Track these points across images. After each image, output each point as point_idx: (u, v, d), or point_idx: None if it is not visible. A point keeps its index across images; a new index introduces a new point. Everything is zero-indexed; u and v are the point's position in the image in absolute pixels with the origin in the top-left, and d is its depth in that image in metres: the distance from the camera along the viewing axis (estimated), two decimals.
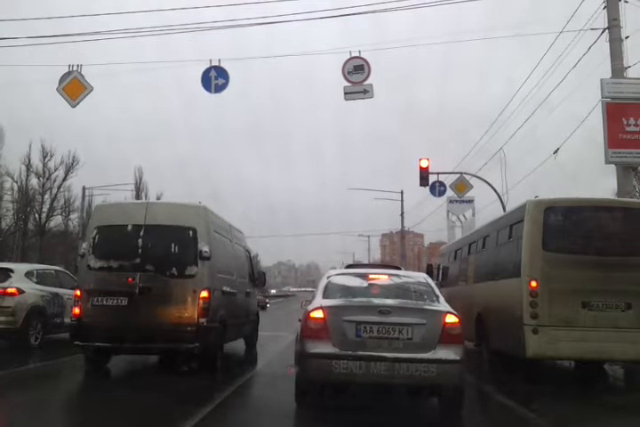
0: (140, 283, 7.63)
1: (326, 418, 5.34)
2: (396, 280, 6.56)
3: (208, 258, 7.88)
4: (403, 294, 6.23)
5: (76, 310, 7.78)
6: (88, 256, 7.97)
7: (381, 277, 6.61)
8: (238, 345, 10.81)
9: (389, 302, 5.83)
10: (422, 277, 6.92)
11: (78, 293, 7.89)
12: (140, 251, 7.78)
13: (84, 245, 8.19)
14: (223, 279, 8.76)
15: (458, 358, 5.45)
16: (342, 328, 5.49)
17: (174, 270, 7.74)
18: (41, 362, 9.21)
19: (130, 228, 7.93)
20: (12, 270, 10.60)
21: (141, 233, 7.86)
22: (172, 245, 7.94)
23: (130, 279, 7.64)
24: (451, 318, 5.60)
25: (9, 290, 10.06)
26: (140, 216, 7.97)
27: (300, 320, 6.12)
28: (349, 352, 5.37)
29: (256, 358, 10.87)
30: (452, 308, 5.96)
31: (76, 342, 7.67)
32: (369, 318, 5.48)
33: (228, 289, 9.02)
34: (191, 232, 7.92)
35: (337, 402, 5.71)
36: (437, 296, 6.22)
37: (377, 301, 5.85)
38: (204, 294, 7.66)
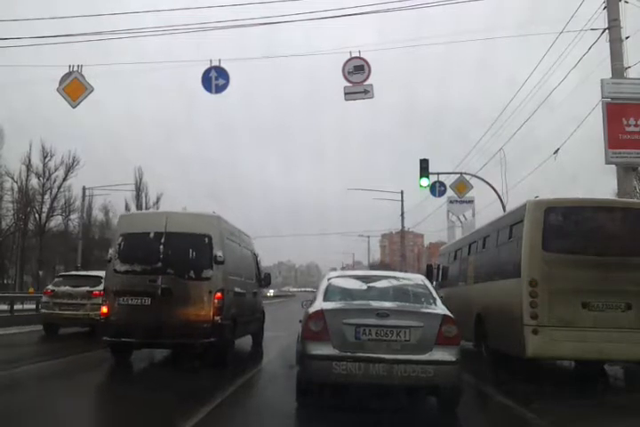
0: (162, 285, 8.42)
1: (326, 418, 5.40)
2: (395, 283, 6.65)
3: (222, 262, 8.69)
4: (401, 296, 6.30)
5: (104, 309, 8.57)
6: (114, 261, 8.80)
7: (380, 280, 6.70)
8: (240, 345, 10.89)
9: (387, 304, 5.93)
10: (420, 279, 7.01)
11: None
12: (161, 256, 8.61)
13: (111, 250, 9.04)
14: (234, 281, 9.51)
15: (454, 359, 5.55)
16: (342, 331, 5.58)
17: (192, 273, 8.56)
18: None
19: (152, 235, 8.77)
20: (102, 277, 11.86)
21: (162, 240, 8.69)
22: (190, 250, 8.74)
23: (152, 281, 8.40)
24: (447, 321, 5.67)
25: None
26: (161, 224, 8.82)
27: (300, 322, 6.23)
28: (349, 354, 5.46)
29: (262, 354, 11.24)
30: (452, 308, 6.03)
31: (105, 338, 8.42)
32: (368, 321, 5.58)
33: (238, 290, 9.75)
34: (207, 239, 8.73)
35: (337, 402, 5.74)
36: (435, 299, 6.34)
37: (375, 304, 5.93)
38: (219, 294, 8.47)
